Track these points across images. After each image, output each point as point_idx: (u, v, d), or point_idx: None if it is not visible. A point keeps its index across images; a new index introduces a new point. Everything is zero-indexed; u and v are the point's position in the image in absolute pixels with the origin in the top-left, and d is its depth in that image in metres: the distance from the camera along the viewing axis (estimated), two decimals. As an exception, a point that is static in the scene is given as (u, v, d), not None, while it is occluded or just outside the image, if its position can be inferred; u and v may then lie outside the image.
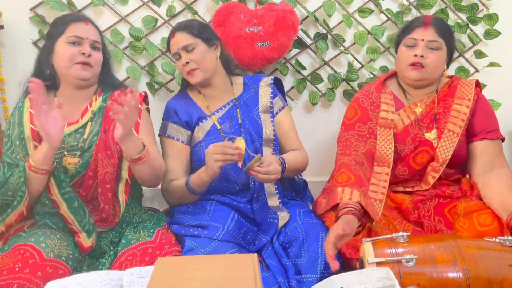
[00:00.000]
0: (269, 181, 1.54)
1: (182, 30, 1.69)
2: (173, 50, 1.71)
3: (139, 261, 1.38)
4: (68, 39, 1.53)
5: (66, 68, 1.54)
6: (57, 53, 1.54)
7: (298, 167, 1.76)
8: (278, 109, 1.80)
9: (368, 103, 1.69)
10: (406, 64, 1.63)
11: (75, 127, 1.56)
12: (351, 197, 1.46)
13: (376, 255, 1.18)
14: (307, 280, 1.39)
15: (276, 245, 1.53)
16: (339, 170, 1.57)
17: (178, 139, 1.72)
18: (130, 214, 1.62)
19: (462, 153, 1.62)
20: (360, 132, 1.65)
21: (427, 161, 1.62)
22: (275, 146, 1.73)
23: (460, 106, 1.62)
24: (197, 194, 1.63)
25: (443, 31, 1.62)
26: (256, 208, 1.63)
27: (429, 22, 1.62)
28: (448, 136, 1.60)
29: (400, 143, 1.63)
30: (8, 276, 1.25)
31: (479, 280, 1.12)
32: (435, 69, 1.62)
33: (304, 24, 2.21)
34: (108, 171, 1.51)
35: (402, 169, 1.64)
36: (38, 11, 2.04)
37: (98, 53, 1.59)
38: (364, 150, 1.61)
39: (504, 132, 1.72)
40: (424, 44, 1.61)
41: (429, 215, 1.54)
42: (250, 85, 1.81)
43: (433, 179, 1.60)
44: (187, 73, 1.70)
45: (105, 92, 1.64)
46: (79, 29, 1.54)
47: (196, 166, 1.72)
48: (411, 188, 1.65)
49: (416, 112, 1.66)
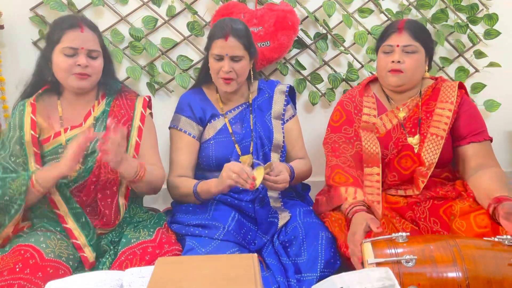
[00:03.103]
0: (278, 189, 1.56)
1: (236, 37, 1.62)
2: (218, 52, 1.63)
3: (139, 260, 1.38)
4: (63, 50, 1.49)
5: (63, 78, 1.52)
6: (54, 63, 1.52)
7: (303, 176, 1.78)
8: (288, 117, 1.81)
9: (351, 106, 1.71)
10: (385, 71, 1.63)
11: (78, 131, 1.55)
12: (356, 196, 1.47)
13: (375, 256, 1.18)
14: (306, 279, 1.39)
15: (276, 244, 1.54)
16: (334, 171, 1.58)
17: (189, 134, 1.72)
18: (130, 214, 1.62)
19: (447, 155, 1.62)
20: (347, 135, 1.66)
21: (411, 166, 1.62)
22: (282, 153, 1.75)
23: (443, 110, 1.61)
24: (200, 201, 1.64)
25: (417, 34, 1.61)
26: (258, 208, 1.63)
27: (403, 26, 1.61)
28: (432, 140, 1.59)
29: (383, 147, 1.63)
30: (9, 277, 1.25)
31: (478, 280, 1.12)
32: (414, 72, 1.62)
33: (304, 24, 2.21)
34: (110, 177, 1.51)
35: (391, 175, 1.64)
36: (38, 11, 2.04)
37: (97, 61, 1.54)
38: (352, 152, 1.63)
39: (503, 132, 1.72)
40: (400, 49, 1.60)
41: (425, 217, 1.54)
42: (264, 90, 1.82)
43: (423, 183, 1.59)
44: (222, 78, 1.66)
45: (109, 96, 1.63)
46: (74, 39, 1.49)
47: (202, 162, 1.73)
48: (404, 191, 1.65)
49: (399, 117, 1.66)
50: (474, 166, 1.57)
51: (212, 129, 1.73)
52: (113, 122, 1.38)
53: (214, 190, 1.56)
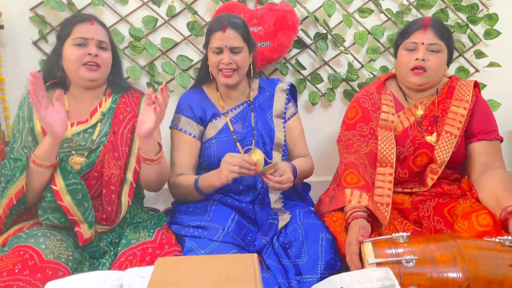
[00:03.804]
0: (282, 189, 1.56)
1: (234, 29, 1.64)
2: (217, 44, 1.64)
3: (139, 261, 1.38)
4: (74, 41, 1.53)
5: (74, 70, 1.54)
6: (65, 56, 1.55)
7: (306, 174, 1.77)
8: (290, 115, 1.81)
9: (369, 103, 1.68)
10: (407, 68, 1.62)
11: (84, 126, 1.57)
12: (360, 201, 1.45)
13: (376, 256, 1.18)
14: (307, 280, 1.39)
15: (276, 246, 1.53)
16: (347, 169, 1.55)
17: (190, 133, 1.72)
18: (130, 214, 1.62)
19: (460, 154, 1.62)
20: (362, 132, 1.64)
21: (426, 163, 1.62)
22: (284, 151, 1.74)
23: (458, 108, 1.61)
24: (203, 195, 1.63)
25: (442, 32, 1.61)
26: (258, 209, 1.63)
27: (428, 24, 1.61)
28: (446, 138, 1.59)
29: (400, 145, 1.62)
30: (8, 278, 1.25)
31: (479, 280, 1.12)
32: (437, 71, 1.62)
33: (304, 24, 2.21)
34: (114, 173, 1.51)
35: (402, 171, 1.64)
36: (38, 11, 2.04)
37: (106, 52, 1.58)
38: (367, 150, 1.60)
39: (503, 132, 1.72)
40: (425, 47, 1.59)
41: (429, 216, 1.54)
42: (265, 88, 1.82)
43: (432, 180, 1.60)
44: (222, 72, 1.67)
45: (115, 94, 1.64)
46: (84, 30, 1.54)
47: (204, 162, 1.73)
48: (410, 189, 1.65)
49: (416, 115, 1.66)
50: (481, 164, 1.57)
51: (213, 128, 1.73)
52: (162, 85, 1.41)
53: (217, 183, 1.55)
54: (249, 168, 1.47)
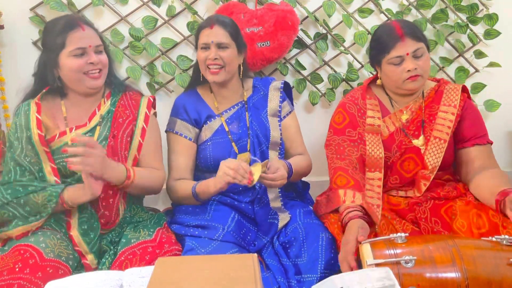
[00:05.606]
0: (275, 186, 1.56)
1: (222, 26, 1.65)
2: (204, 40, 1.65)
3: (139, 260, 1.38)
4: (72, 52, 1.48)
5: (76, 80, 1.52)
6: (63, 67, 1.50)
7: (303, 172, 1.77)
8: (285, 113, 1.81)
9: (355, 109, 1.68)
10: (402, 80, 1.59)
11: (83, 130, 1.55)
12: (354, 200, 1.45)
13: (374, 257, 1.18)
14: (307, 280, 1.39)
15: (276, 245, 1.53)
16: (336, 173, 1.56)
17: (186, 136, 1.72)
18: (130, 214, 1.62)
19: (449, 158, 1.63)
20: (351, 137, 1.64)
21: (414, 168, 1.62)
22: (281, 150, 1.74)
23: (446, 113, 1.61)
24: (201, 201, 1.64)
25: (418, 34, 1.59)
26: (258, 209, 1.63)
27: (403, 33, 1.57)
28: (435, 143, 1.59)
29: (386, 150, 1.62)
30: (8, 277, 1.25)
31: (478, 280, 1.12)
32: (427, 72, 1.62)
33: (304, 24, 2.21)
34: None
35: (393, 177, 1.64)
36: (38, 11, 2.04)
37: (103, 55, 1.56)
38: (357, 155, 1.61)
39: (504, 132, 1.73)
40: (410, 56, 1.57)
41: (426, 217, 1.54)
42: (259, 88, 1.81)
43: (425, 186, 1.59)
44: (209, 70, 1.67)
45: (114, 96, 1.63)
46: (79, 39, 1.49)
47: (201, 164, 1.73)
48: (405, 193, 1.65)
49: (402, 119, 1.66)
50: (477, 167, 1.57)
51: (209, 130, 1.73)
52: (88, 139, 1.38)
53: (213, 190, 1.55)
54: (243, 176, 1.44)
